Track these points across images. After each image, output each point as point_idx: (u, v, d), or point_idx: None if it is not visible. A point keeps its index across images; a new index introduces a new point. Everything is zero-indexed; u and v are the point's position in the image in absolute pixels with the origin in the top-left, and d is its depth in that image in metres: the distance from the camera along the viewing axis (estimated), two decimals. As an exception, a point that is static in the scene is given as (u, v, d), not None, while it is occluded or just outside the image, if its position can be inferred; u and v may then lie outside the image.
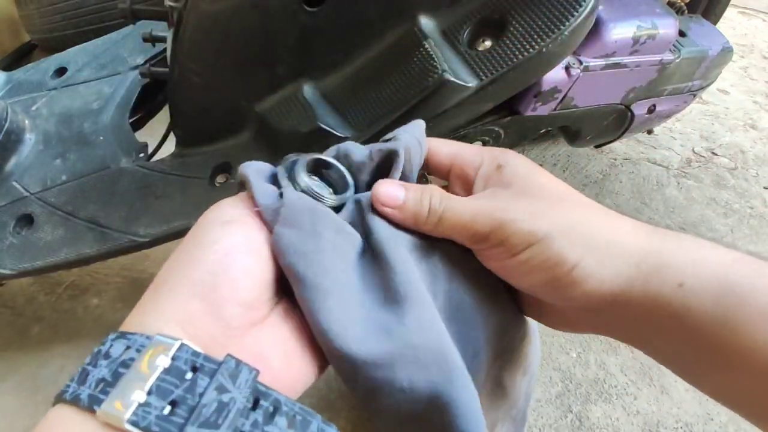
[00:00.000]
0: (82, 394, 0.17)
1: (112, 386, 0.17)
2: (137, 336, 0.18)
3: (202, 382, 0.17)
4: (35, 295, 0.73)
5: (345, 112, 0.48)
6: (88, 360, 0.18)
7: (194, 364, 0.17)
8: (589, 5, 0.41)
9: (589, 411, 0.65)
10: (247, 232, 0.22)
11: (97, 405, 0.16)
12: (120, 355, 0.17)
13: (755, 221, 0.98)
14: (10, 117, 0.61)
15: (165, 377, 0.17)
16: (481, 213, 0.23)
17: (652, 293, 0.21)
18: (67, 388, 0.17)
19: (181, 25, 0.50)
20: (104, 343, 0.18)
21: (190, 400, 0.16)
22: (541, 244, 0.22)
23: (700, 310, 0.20)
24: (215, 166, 0.54)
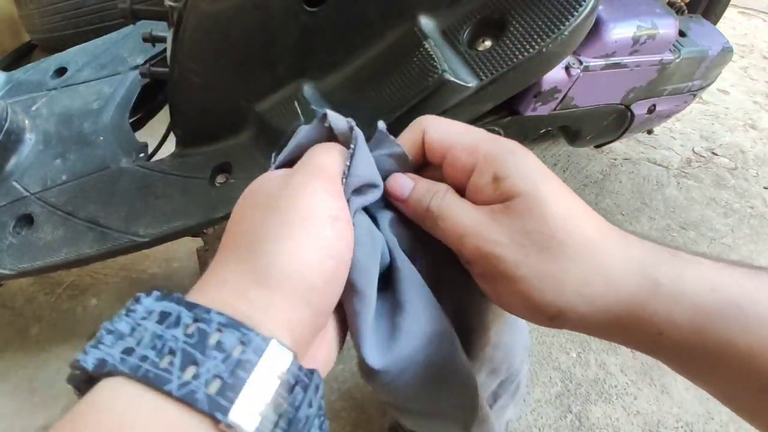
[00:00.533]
0: (198, 393, 0.15)
1: (234, 392, 0.15)
2: (252, 334, 0.16)
3: (299, 396, 0.17)
4: (35, 295, 0.73)
5: (345, 112, 0.48)
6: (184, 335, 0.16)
7: (297, 378, 0.17)
8: (589, 5, 0.41)
9: (589, 411, 0.65)
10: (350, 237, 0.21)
11: (220, 413, 0.15)
12: (232, 350, 0.16)
13: (755, 221, 0.98)
14: (10, 117, 0.61)
15: (280, 390, 0.16)
16: (470, 235, 0.22)
17: (632, 337, 0.21)
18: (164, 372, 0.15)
19: (181, 25, 0.50)
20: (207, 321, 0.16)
21: (290, 414, 0.16)
22: (524, 291, 0.21)
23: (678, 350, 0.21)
24: (215, 166, 0.54)
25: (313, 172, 0.21)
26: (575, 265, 0.21)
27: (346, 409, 0.62)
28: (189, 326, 0.16)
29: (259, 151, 0.53)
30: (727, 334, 0.19)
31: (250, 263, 0.19)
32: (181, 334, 0.16)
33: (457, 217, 0.23)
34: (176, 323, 0.16)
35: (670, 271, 0.21)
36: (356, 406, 0.62)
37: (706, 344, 0.20)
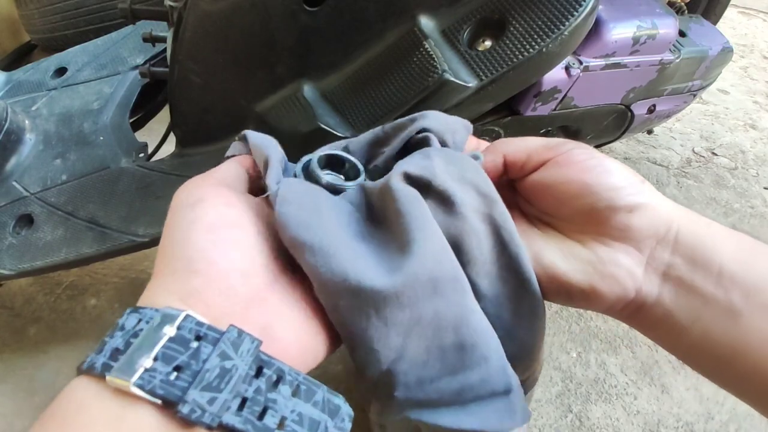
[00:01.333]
0: (97, 363, 0.18)
1: (123, 354, 0.18)
2: (147, 309, 0.19)
3: (206, 350, 0.18)
4: (34, 295, 0.73)
5: (345, 112, 0.48)
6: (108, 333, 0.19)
7: (198, 333, 0.18)
8: (589, 5, 0.41)
9: (590, 411, 0.65)
10: (220, 209, 0.23)
11: (108, 372, 0.17)
12: (133, 327, 0.18)
13: (755, 221, 0.98)
14: (10, 117, 0.61)
15: (170, 345, 0.18)
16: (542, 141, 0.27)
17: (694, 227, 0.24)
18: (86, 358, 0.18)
19: (181, 25, 0.50)
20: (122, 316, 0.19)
21: (194, 366, 0.17)
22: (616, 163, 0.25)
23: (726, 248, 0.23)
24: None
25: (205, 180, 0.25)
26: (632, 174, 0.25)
27: (346, 409, 0.62)
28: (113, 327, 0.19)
29: (259, 151, 0.53)
30: None
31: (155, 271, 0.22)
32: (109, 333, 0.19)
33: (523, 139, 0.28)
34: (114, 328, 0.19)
35: None
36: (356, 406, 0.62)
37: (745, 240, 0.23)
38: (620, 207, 0.23)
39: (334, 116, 0.48)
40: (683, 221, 0.23)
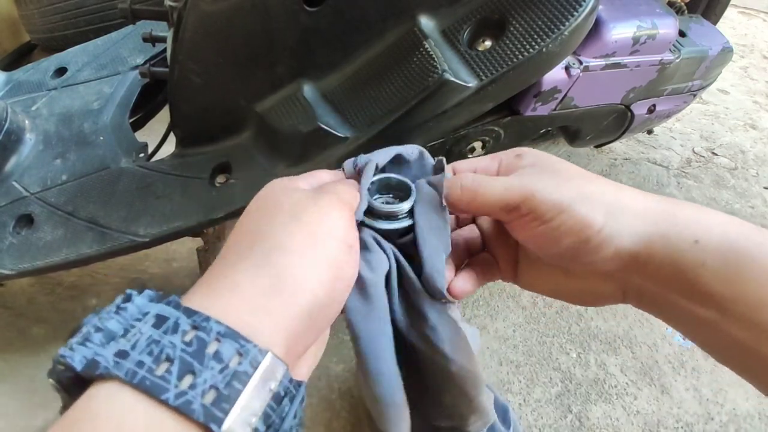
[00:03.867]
0: (195, 404, 0.15)
1: (229, 403, 0.15)
2: (250, 346, 0.17)
3: (286, 408, 0.17)
4: (35, 295, 0.73)
5: (345, 112, 0.48)
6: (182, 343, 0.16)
7: (287, 390, 0.18)
8: (589, 5, 0.41)
9: (589, 411, 0.65)
10: (356, 266, 0.23)
11: (215, 424, 0.15)
12: (230, 361, 0.16)
13: (755, 221, 0.98)
14: (10, 117, 0.61)
15: (271, 403, 0.17)
16: (511, 187, 0.26)
17: (671, 249, 0.22)
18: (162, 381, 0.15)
19: (181, 25, 0.50)
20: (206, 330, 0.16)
21: (277, 425, 0.17)
22: (569, 211, 0.24)
23: (712, 267, 0.21)
24: (215, 166, 0.54)
25: (341, 200, 0.23)
26: (599, 187, 0.25)
27: (346, 409, 0.62)
28: (187, 333, 0.16)
29: (259, 151, 0.53)
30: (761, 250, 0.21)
31: (265, 269, 0.19)
32: (179, 341, 0.16)
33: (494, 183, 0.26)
34: (174, 329, 0.16)
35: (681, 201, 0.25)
36: (356, 405, 0.62)
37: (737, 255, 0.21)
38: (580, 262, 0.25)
39: (334, 116, 0.48)
40: (657, 249, 0.23)
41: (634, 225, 0.24)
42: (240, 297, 0.18)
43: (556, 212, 0.24)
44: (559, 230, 0.24)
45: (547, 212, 0.24)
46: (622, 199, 0.24)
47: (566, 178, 0.26)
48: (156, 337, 0.16)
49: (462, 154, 0.60)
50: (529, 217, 0.25)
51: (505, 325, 0.74)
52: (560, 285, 0.28)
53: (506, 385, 0.67)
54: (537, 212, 0.25)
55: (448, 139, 0.57)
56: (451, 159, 0.60)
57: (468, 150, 0.60)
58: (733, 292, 0.21)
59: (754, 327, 0.20)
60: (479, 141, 0.59)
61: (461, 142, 0.58)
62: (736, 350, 0.22)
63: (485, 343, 0.71)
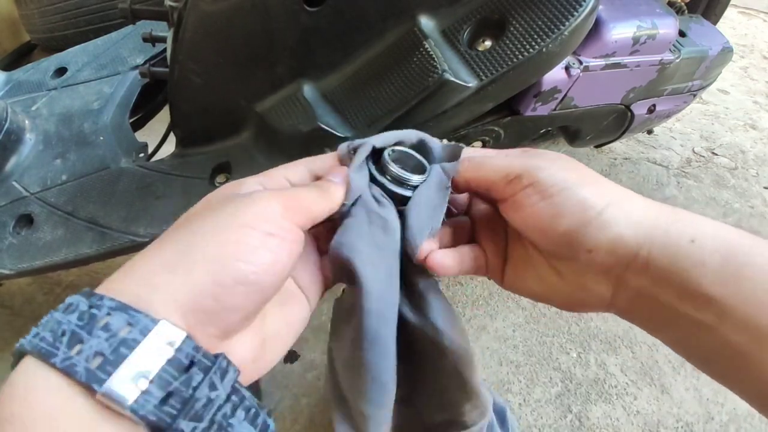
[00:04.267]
0: (78, 366, 0.16)
1: (114, 366, 0.17)
2: (141, 316, 0.18)
3: (197, 377, 0.18)
4: (34, 295, 0.73)
5: (345, 112, 0.48)
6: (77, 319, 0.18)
7: (192, 358, 0.18)
8: (589, 5, 0.41)
9: (589, 411, 0.65)
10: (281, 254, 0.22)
11: (97, 384, 0.16)
12: (120, 331, 0.17)
13: (755, 221, 0.98)
14: (10, 117, 0.61)
15: (167, 368, 0.17)
16: (516, 160, 0.26)
17: (672, 245, 0.22)
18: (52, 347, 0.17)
19: (181, 25, 0.50)
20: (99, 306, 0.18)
21: (184, 393, 0.17)
22: (572, 190, 0.24)
23: (711, 267, 0.21)
24: (215, 166, 0.54)
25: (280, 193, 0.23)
26: (608, 182, 0.25)
27: (346, 409, 0.62)
28: (84, 312, 0.18)
29: (259, 151, 0.53)
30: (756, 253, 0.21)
31: (167, 248, 0.20)
32: (75, 319, 0.18)
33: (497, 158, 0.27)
34: (74, 310, 0.18)
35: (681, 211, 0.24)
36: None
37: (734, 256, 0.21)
38: (576, 249, 0.24)
39: (334, 116, 0.48)
40: (656, 246, 0.22)
41: (635, 216, 0.23)
42: (133, 275, 0.20)
43: (559, 188, 0.24)
44: (560, 208, 0.24)
45: (550, 187, 0.24)
46: (624, 195, 0.25)
47: (571, 165, 0.26)
48: (59, 318, 0.18)
49: (462, 154, 0.60)
50: (531, 189, 0.25)
51: (505, 325, 0.74)
52: (549, 285, 0.27)
53: (506, 385, 0.67)
54: (539, 185, 0.25)
55: (448, 139, 0.57)
56: (451, 159, 0.61)
57: (468, 150, 0.60)
58: (732, 293, 0.21)
59: (752, 330, 0.20)
60: (479, 141, 0.59)
61: (461, 142, 0.58)
62: (730, 356, 0.21)
63: (485, 343, 0.71)
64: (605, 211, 0.23)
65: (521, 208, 0.26)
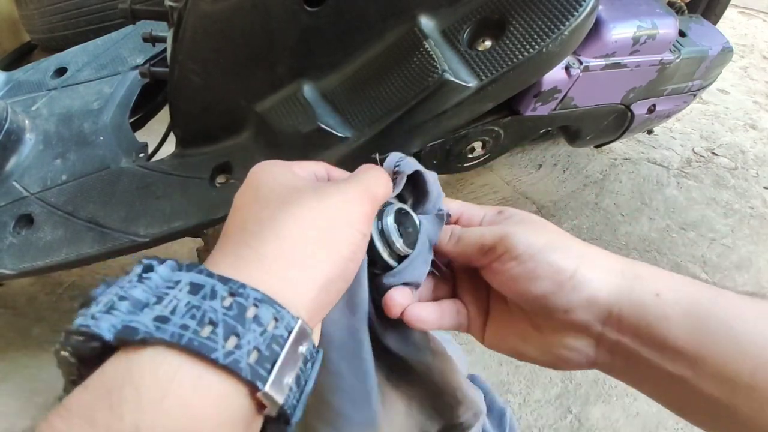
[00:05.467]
0: (242, 363, 0.16)
1: (271, 363, 0.17)
2: (284, 312, 0.18)
3: (309, 371, 0.19)
4: (36, 295, 0.73)
5: (345, 112, 0.48)
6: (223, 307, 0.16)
7: (311, 355, 0.19)
8: (589, 5, 0.41)
9: (589, 412, 0.65)
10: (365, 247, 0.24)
11: (260, 382, 0.16)
12: (267, 325, 0.17)
13: (755, 221, 0.98)
14: (10, 117, 0.61)
15: (301, 365, 0.18)
16: (488, 231, 0.28)
17: (637, 300, 0.24)
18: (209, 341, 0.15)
19: (181, 25, 0.50)
20: (243, 295, 0.17)
21: (302, 386, 0.18)
22: (542, 254, 0.25)
23: (674, 320, 0.22)
24: (215, 166, 0.54)
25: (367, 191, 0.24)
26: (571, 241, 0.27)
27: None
28: (225, 299, 0.17)
29: (259, 151, 0.53)
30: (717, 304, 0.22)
31: (288, 242, 0.20)
32: (220, 306, 0.16)
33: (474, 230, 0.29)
34: (212, 296, 0.16)
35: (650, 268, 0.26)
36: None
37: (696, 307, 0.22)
38: (554, 310, 0.25)
39: (334, 116, 0.48)
40: (624, 302, 0.24)
41: (604, 275, 0.25)
42: (267, 267, 0.19)
43: (531, 254, 0.25)
44: (535, 272, 0.25)
45: (522, 253, 0.26)
46: (589, 254, 0.26)
47: (540, 228, 0.28)
48: (195, 303, 0.16)
49: (462, 154, 0.60)
50: (506, 256, 0.26)
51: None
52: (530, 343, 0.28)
53: (506, 385, 0.67)
54: (512, 252, 0.26)
55: (448, 139, 0.57)
56: (451, 159, 0.61)
57: (468, 150, 0.60)
58: (699, 345, 0.22)
59: (725, 382, 0.21)
60: (479, 141, 0.59)
61: (461, 142, 0.58)
62: (710, 408, 0.22)
63: (485, 343, 0.71)
64: (576, 273, 0.25)
65: (499, 274, 0.27)
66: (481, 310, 0.30)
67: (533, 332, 0.27)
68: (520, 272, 0.26)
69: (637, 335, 0.23)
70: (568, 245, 0.26)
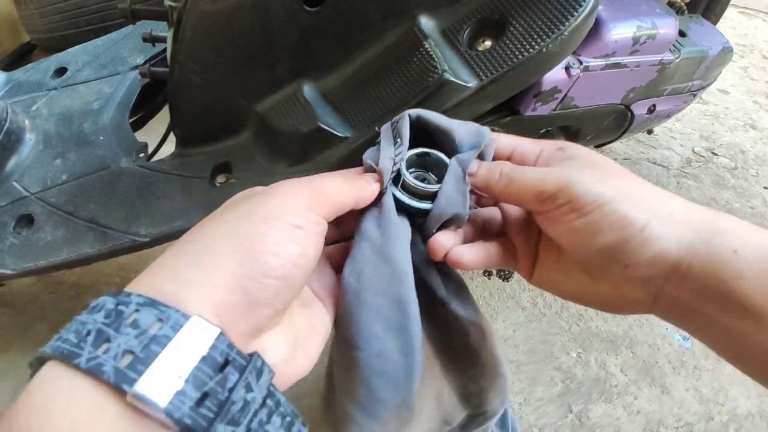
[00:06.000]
0: (106, 366, 0.15)
1: (145, 365, 0.15)
2: (172, 311, 0.17)
3: (233, 377, 0.17)
4: (38, 294, 0.73)
5: (345, 112, 0.48)
6: (103, 317, 0.16)
7: (227, 357, 0.17)
8: (589, 5, 0.41)
9: (590, 410, 0.65)
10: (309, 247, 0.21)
11: (127, 384, 0.15)
12: (150, 327, 0.16)
13: (756, 221, 0.98)
14: (10, 117, 0.61)
15: (201, 366, 0.16)
16: (549, 175, 0.25)
17: (713, 257, 0.22)
18: (76, 348, 0.15)
19: (181, 25, 0.50)
20: (126, 303, 0.17)
21: (220, 394, 0.16)
22: (611, 205, 0.23)
23: (750, 277, 0.21)
24: (215, 166, 0.54)
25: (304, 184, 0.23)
26: (645, 188, 0.24)
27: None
28: (110, 311, 0.17)
29: (259, 151, 0.53)
30: None
31: (191, 245, 0.20)
32: (101, 317, 0.17)
33: (532, 171, 0.26)
34: (99, 310, 0.17)
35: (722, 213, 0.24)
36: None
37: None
38: (615, 264, 0.23)
39: (334, 116, 0.48)
40: (697, 259, 0.22)
41: (678, 230, 0.22)
42: (164, 274, 0.19)
43: (597, 205, 0.23)
44: (599, 225, 0.23)
45: (588, 204, 0.23)
46: (666, 203, 0.23)
47: (609, 174, 0.24)
48: (83, 319, 0.17)
49: (462, 154, 0.60)
50: (567, 207, 0.24)
51: (505, 325, 0.74)
52: (585, 288, 0.26)
53: (506, 384, 0.67)
54: (576, 203, 0.23)
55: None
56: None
57: (468, 150, 0.60)
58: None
59: None
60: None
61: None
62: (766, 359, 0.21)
63: (485, 343, 0.71)
64: (646, 228, 0.22)
65: (556, 224, 0.25)
66: (531, 250, 0.28)
67: (587, 280, 0.26)
68: (583, 224, 0.23)
69: (703, 292, 0.22)
70: (641, 194, 0.23)
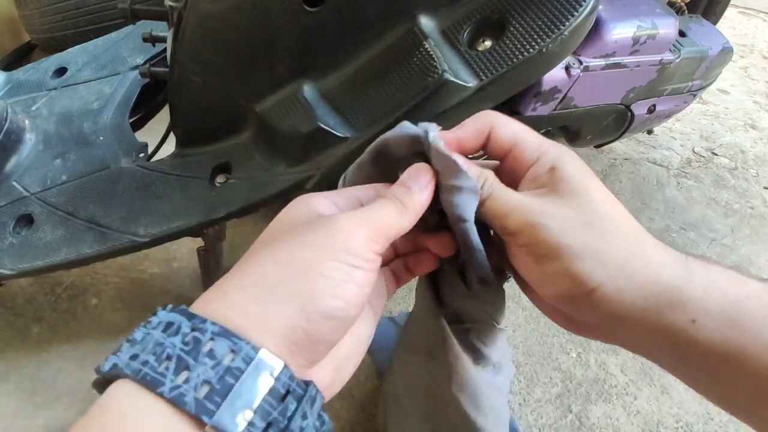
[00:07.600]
0: (187, 396, 0.16)
1: (222, 396, 0.16)
2: (243, 343, 0.18)
3: (291, 406, 0.18)
4: (35, 295, 0.73)
5: (345, 112, 0.48)
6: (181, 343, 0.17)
7: (288, 387, 0.18)
8: (589, 5, 0.41)
9: (589, 411, 0.65)
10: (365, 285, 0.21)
11: (206, 416, 0.16)
12: (223, 358, 0.17)
13: (755, 221, 0.98)
14: (10, 117, 0.61)
15: (268, 398, 0.17)
16: (518, 209, 0.24)
17: (664, 324, 0.22)
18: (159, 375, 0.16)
19: (181, 25, 0.50)
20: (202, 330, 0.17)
21: (281, 423, 0.17)
22: (565, 261, 0.22)
23: (708, 344, 0.21)
24: (215, 166, 0.54)
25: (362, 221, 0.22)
26: (616, 240, 0.22)
27: (345, 408, 0.62)
28: (187, 335, 0.18)
29: (258, 151, 0.53)
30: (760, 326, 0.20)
31: (254, 278, 0.20)
32: (179, 342, 0.17)
33: (505, 197, 0.25)
34: (176, 332, 0.18)
35: (699, 266, 0.22)
36: (356, 405, 0.62)
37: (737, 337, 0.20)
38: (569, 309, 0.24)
39: (334, 116, 0.48)
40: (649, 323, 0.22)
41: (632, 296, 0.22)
42: (229, 302, 0.19)
43: (553, 257, 0.22)
44: (550, 276, 0.23)
45: (545, 255, 0.23)
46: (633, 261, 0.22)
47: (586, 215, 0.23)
48: (161, 339, 0.17)
49: (462, 154, 0.60)
50: (525, 249, 0.24)
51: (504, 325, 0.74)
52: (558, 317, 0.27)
53: (506, 385, 0.67)
54: (534, 248, 0.23)
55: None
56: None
57: (468, 150, 0.60)
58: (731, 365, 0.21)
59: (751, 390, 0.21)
60: (479, 141, 0.59)
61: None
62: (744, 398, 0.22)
63: (485, 343, 0.71)
64: (597, 291, 0.22)
65: (516, 259, 0.25)
66: None
67: None
68: (537, 269, 0.24)
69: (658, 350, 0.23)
70: (608, 248, 0.22)
